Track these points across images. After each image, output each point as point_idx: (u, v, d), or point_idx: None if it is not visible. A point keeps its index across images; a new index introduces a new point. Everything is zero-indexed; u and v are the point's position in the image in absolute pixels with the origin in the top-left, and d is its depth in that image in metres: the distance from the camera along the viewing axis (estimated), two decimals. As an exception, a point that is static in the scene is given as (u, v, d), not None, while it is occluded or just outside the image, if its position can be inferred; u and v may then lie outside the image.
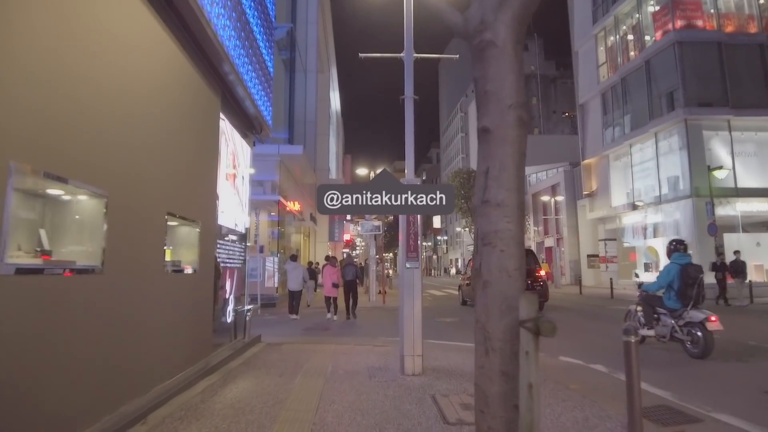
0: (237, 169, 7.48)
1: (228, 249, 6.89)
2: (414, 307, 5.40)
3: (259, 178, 16.35)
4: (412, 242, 5.47)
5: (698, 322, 6.49)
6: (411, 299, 5.42)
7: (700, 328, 6.46)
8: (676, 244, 7.22)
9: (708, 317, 6.42)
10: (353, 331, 10.11)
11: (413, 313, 5.39)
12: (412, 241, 5.48)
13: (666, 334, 6.93)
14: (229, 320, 6.94)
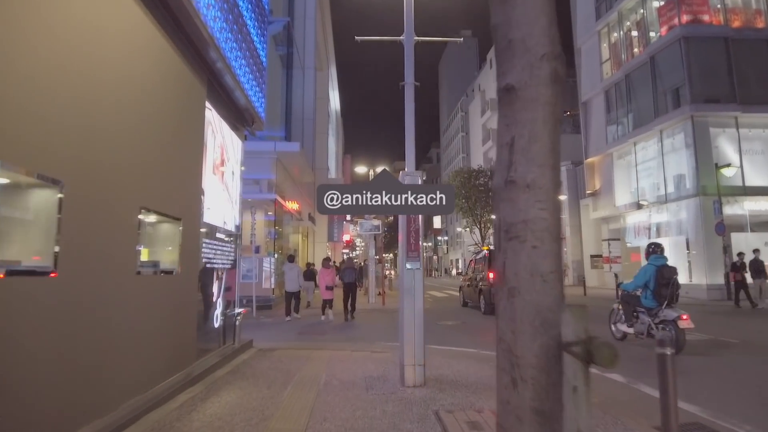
0: (226, 164, 7.02)
1: (216, 249, 6.43)
2: (415, 311, 4.94)
3: (255, 177, 15.90)
4: (412, 241, 5.01)
5: (671, 320, 6.94)
6: (412, 303, 4.95)
7: (673, 325, 6.91)
8: (654, 247, 7.70)
9: (680, 315, 6.88)
10: (351, 335, 9.65)
11: (414, 318, 4.92)
12: (413, 240, 5.01)
13: (643, 331, 7.40)
14: (216, 325, 6.47)
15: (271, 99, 17.09)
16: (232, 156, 7.37)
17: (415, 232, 5.03)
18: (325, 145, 29.60)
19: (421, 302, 4.95)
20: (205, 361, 5.77)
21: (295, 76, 20.41)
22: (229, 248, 7.08)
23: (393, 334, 9.37)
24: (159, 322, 4.59)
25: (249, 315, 12.89)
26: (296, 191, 21.09)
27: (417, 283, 4.98)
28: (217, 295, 6.52)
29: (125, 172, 3.92)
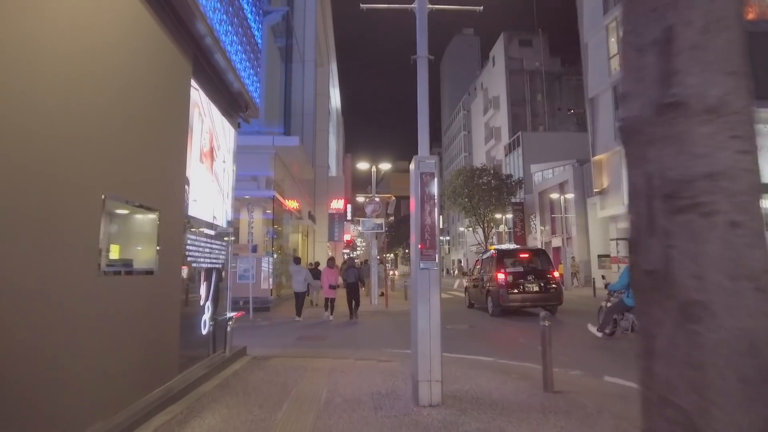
0: (216, 152, 6.33)
1: (203, 246, 5.74)
2: (431, 318, 4.25)
3: (253, 173, 15.23)
4: (427, 237, 4.32)
5: None
6: (426, 309, 4.26)
7: None
8: None
9: None
10: (354, 340, 8.95)
11: (430, 327, 4.23)
12: (428, 235, 4.32)
13: (628, 327, 8.06)
14: (204, 331, 5.78)
15: (269, 93, 16.42)
16: (223, 144, 6.68)
17: (430, 226, 4.33)
18: (325, 142, 28.91)
19: (438, 308, 4.27)
20: (190, 373, 5.08)
21: (295, 69, 19.73)
22: (219, 246, 6.39)
23: (399, 340, 8.69)
24: (131, 331, 3.90)
25: (245, 317, 12.20)
26: (296, 189, 20.40)
27: (433, 285, 4.29)
28: (206, 297, 5.83)
29: (85, 152, 3.24)
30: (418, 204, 4.38)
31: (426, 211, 4.36)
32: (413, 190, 4.48)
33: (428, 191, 4.39)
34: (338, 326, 11.17)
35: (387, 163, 17.93)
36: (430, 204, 4.38)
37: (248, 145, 14.54)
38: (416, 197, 4.41)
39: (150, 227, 4.35)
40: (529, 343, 8.33)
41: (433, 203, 4.38)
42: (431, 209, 4.37)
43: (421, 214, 4.35)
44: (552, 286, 13.07)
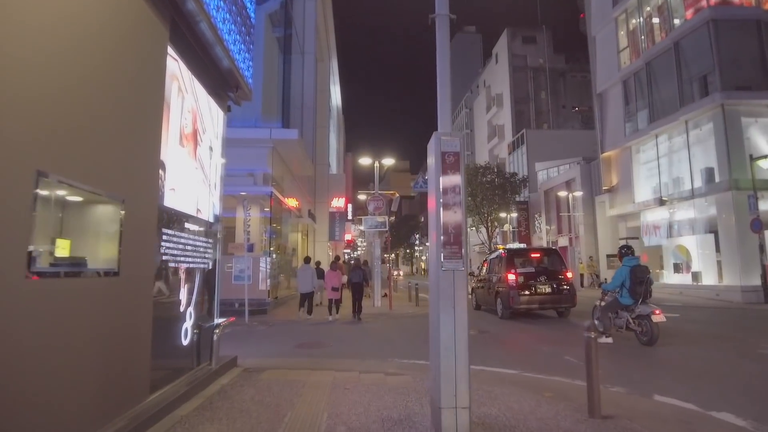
0: (201, 136, 5.53)
1: (184, 243, 4.94)
2: (456, 330, 3.45)
3: (249, 168, 14.45)
4: (452, 229, 3.53)
5: (646, 315, 7.75)
6: (450, 318, 3.46)
7: (648, 319, 7.72)
8: (626, 250, 8.52)
9: (653, 311, 7.70)
10: (357, 348, 8.15)
11: (455, 341, 3.43)
12: (453, 228, 3.53)
13: (623, 325, 8.14)
14: (186, 342, 4.98)
15: (267, 85, 15.62)
16: (209, 128, 5.89)
17: (454, 218, 3.54)
18: (326, 139, 28.12)
19: (465, 318, 3.47)
20: (165, 394, 4.28)
21: (294, 61, 18.93)
22: (204, 243, 5.59)
23: (406, 347, 7.88)
24: (83, 346, 3.11)
25: (241, 321, 11.41)
26: (295, 186, 19.61)
27: (458, 289, 3.49)
28: (187, 303, 5.03)
29: (13, 112, 2.45)
30: (439, 191, 3.59)
31: (449, 200, 3.56)
32: (433, 175, 3.69)
33: (452, 175, 3.59)
34: (341, 330, 10.38)
35: (390, 159, 17.11)
36: (454, 191, 3.58)
37: (244, 138, 13.81)
38: (436, 183, 3.62)
39: (112, 219, 3.56)
40: (553, 351, 7.54)
41: (457, 190, 3.58)
42: (455, 198, 3.57)
43: (443, 203, 3.55)
44: (565, 287, 12.32)
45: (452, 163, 3.60)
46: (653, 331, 7.59)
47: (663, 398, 4.70)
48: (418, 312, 14.21)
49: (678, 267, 20.76)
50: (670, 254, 21.18)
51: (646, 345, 7.65)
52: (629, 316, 8.00)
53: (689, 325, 10.49)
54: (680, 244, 20.71)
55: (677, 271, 20.74)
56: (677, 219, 21.07)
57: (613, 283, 8.33)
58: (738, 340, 8.71)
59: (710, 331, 9.90)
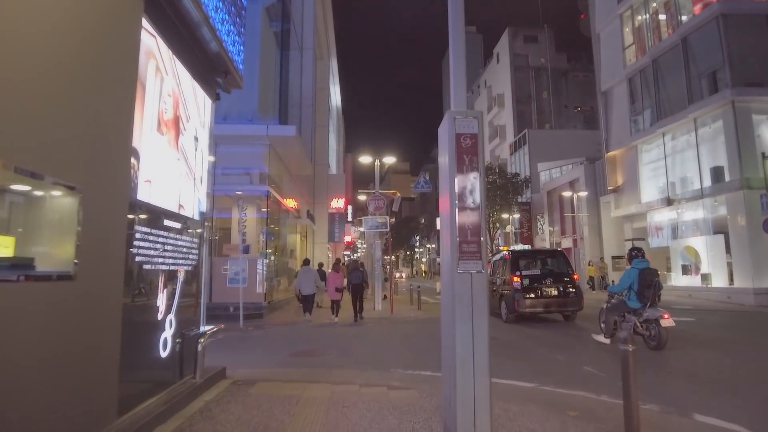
0: (184, 124, 4.99)
1: (163, 242, 4.40)
2: (476, 345, 2.91)
3: (246, 167, 13.92)
4: (469, 225, 2.98)
5: (655, 319, 7.48)
6: (468, 329, 2.92)
7: (656, 324, 7.45)
8: (636, 252, 8.22)
9: (662, 315, 7.42)
10: (357, 355, 7.60)
11: (474, 359, 2.88)
12: (470, 223, 2.98)
13: (630, 329, 7.60)
14: (165, 353, 4.43)
15: (264, 81, 15.09)
16: (195, 116, 5.35)
17: (472, 212, 3.00)
18: (325, 139, 27.60)
19: (486, 331, 2.92)
20: (137, 415, 3.73)
21: (293, 58, 18.41)
22: (188, 243, 5.04)
23: (409, 355, 7.32)
24: (29, 363, 2.56)
25: (235, 325, 10.87)
26: (294, 186, 19.08)
27: (478, 296, 2.94)
28: (167, 309, 4.49)
29: None
30: (453, 180, 3.05)
31: (466, 191, 3.02)
32: (446, 161, 3.15)
33: (468, 162, 3.05)
34: (340, 335, 9.83)
35: (391, 157, 16.55)
36: (472, 179, 3.03)
37: (240, 134, 13.30)
38: (450, 171, 3.07)
39: (69, 213, 3.02)
40: (569, 360, 6.98)
41: (475, 178, 3.03)
42: (473, 187, 3.02)
43: (458, 194, 3.01)
44: (571, 290, 11.84)
45: (469, 147, 3.07)
46: (662, 336, 7.34)
47: (705, 418, 4.15)
48: (421, 316, 13.66)
49: (686, 269, 20.22)
50: (678, 256, 20.64)
51: (654, 350, 7.38)
52: (636, 320, 7.78)
53: (705, 330, 9.94)
54: (688, 245, 20.17)
55: (685, 272, 20.20)
56: (685, 219, 20.55)
57: (621, 285, 8.10)
58: (762, 346, 8.17)
59: (727, 335, 9.36)
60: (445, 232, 3.17)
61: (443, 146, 3.23)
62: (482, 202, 3.01)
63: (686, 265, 20.25)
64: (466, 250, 2.96)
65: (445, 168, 3.19)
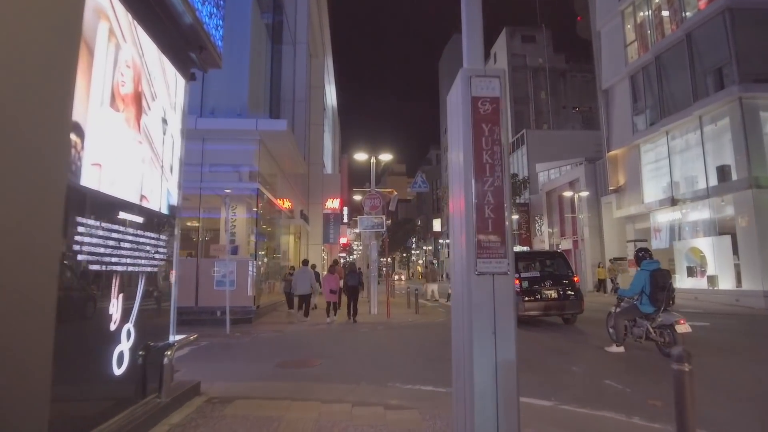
0: (149, 103, 4.31)
1: (118, 238, 3.71)
2: (500, 368, 2.22)
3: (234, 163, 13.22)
4: (490, 213, 2.32)
5: (669, 324, 6.98)
6: (490, 349, 2.24)
7: (671, 329, 6.96)
8: (643, 253, 7.83)
9: (678, 320, 6.93)
10: (351, 365, 6.91)
11: (498, 387, 2.20)
12: (492, 210, 2.32)
13: (642, 335, 7.45)
14: (120, 370, 3.74)
15: (254, 75, 14.40)
16: (163, 95, 4.67)
17: (494, 195, 2.33)
18: (320, 138, 26.92)
19: (513, 348, 2.24)
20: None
21: (285, 52, 17.73)
22: (152, 240, 4.35)
23: (408, 366, 6.60)
24: None
25: (221, 332, 10.17)
26: (287, 186, 18.37)
27: (503, 305, 2.27)
28: (123, 318, 3.79)
29: None
30: (469, 156, 2.37)
31: (485, 168, 2.34)
32: (458, 132, 2.47)
33: (489, 131, 2.38)
34: (333, 343, 9.13)
35: (387, 154, 15.86)
36: (492, 154, 2.36)
37: (228, 129, 12.62)
38: (464, 143, 2.40)
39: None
40: (585, 372, 6.31)
41: (497, 153, 2.37)
42: (494, 163, 2.35)
43: (475, 172, 2.33)
44: (571, 293, 11.36)
45: (489, 114, 2.40)
46: (677, 343, 6.81)
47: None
48: (419, 321, 12.98)
49: (692, 271, 19.63)
50: (683, 257, 20.05)
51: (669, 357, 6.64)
52: (649, 325, 7.31)
53: (721, 336, 9.31)
54: (694, 246, 19.59)
55: (691, 275, 19.61)
56: (690, 220, 19.98)
57: (632, 289, 7.59)
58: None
59: (746, 342, 8.75)
60: (457, 223, 2.50)
61: (454, 115, 2.56)
62: (506, 184, 2.34)
63: (691, 266, 19.67)
64: (486, 244, 2.30)
65: (456, 141, 2.52)
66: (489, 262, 2.29)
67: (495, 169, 2.36)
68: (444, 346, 8.45)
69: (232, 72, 13.35)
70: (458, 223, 2.46)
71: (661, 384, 5.54)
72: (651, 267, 7.40)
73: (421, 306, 15.77)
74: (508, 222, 2.32)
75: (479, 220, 2.31)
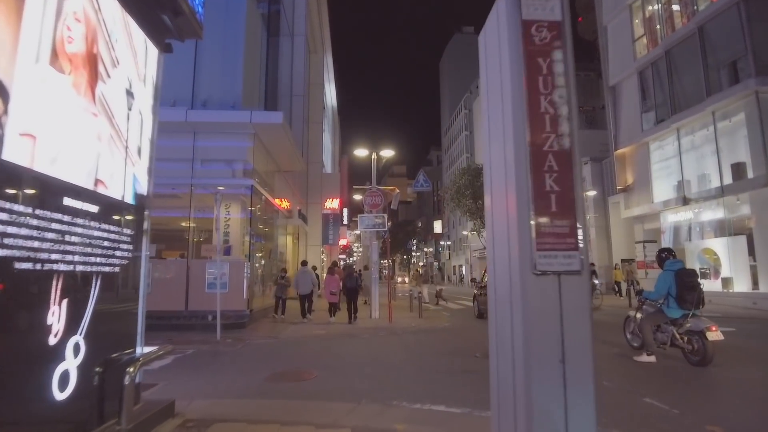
0: (108, 69, 3.58)
1: (60, 230, 2.99)
2: (571, 412, 1.47)
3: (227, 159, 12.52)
4: (555, 192, 1.57)
5: (698, 331, 6.45)
6: (559, 389, 1.49)
7: (700, 336, 6.42)
8: (666, 253, 7.31)
9: (709, 327, 6.37)
10: (350, 378, 6.16)
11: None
12: (557, 184, 1.57)
13: (666, 341, 6.90)
14: (65, 393, 3.01)
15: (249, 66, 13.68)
16: (128, 62, 3.94)
17: (559, 157, 1.58)
18: (319, 136, 26.20)
19: (591, 386, 1.49)
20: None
21: (283, 44, 17.02)
22: (112, 234, 3.62)
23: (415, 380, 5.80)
24: None
25: (211, 338, 9.45)
26: (285, 184, 17.66)
27: (575, 318, 1.52)
28: (68, 328, 3.06)
29: None
30: (520, 101, 1.64)
31: (544, 120, 1.61)
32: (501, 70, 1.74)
33: (547, 68, 1.64)
34: (330, 350, 8.40)
35: (389, 150, 15.12)
36: (554, 101, 1.62)
37: (221, 122, 11.90)
38: (513, 85, 1.67)
39: None
40: (619, 387, 5.56)
41: (562, 98, 1.62)
42: (559, 114, 1.62)
43: (530, 127, 1.60)
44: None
45: (547, 44, 1.68)
46: (707, 351, 6.31)
47: None
48: (423, 326, 12.24)
49: (704, 272, 18.88)
50: (695, 258, 19.29)
51: (697, 366, 6.40)
52: (675, 331, 6.74)
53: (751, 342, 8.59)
54: (706, 246, 18.85)
55: (704, 276, 18.81)
56: (703, 219, 19.25)
57: (658, 291, 6.97)
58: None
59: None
60: (498, 201, 1.76)
61: (492, 53, 1.84)
62: (576, 142, 1.61)
63: (704, 268, 18.90)
64: (548, 230, 1.56)
65: (495, 88, 1.78)
66: (554, 256, 1.57)
67: (558, 122, 1.65)
68: (453, 356, 7.71)
69: (225, 62, 12.66)
70: (501, 201, 1.73)
71: (711, 403, 4.81)
72: (675, 267, 6.88)
73: (424, 309, 15.03)
74: (580, 199, 1.61)
75: (537, 196, 1.59)
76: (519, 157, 1.64)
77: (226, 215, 12.87)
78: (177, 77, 11.87)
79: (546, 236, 1.59)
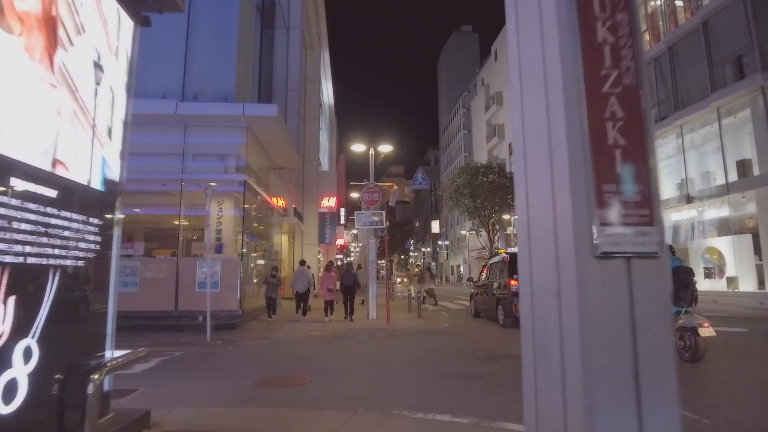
0: (70, 35, 3.14)
1: (7, 215, 2.55)
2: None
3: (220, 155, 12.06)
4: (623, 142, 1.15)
5: (691, 327, 6.49)
6: (626, 413, 1.05)
7: (692, 333, 6.46)
8: None
9: (701, 323, 6.43)
10: (346, 383, 5.73)
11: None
12: (623, 137, 1.16)
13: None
14: (10, 408, 2.57)
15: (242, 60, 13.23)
16: (96, 31, 3.50)
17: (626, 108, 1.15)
18: (316, 134, 25.75)
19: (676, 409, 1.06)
20: None
21: (278, 37, 16.58)
22: (73, 224, 3.18)
23: (416, 385, 5.37)
24: None
25: (200, 339, 9.01)
26: (280, 182, 17.21)
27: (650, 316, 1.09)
28: (16, 331, 2.62)
29: None
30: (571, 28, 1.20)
31: (602, 52, 1.18)
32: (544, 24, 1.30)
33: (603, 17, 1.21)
34: (326, 352, 7.97)
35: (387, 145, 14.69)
36: (616, 26, 1.19)
37: (212, 115, 11.45)
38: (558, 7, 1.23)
39: None
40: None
41: (625, 23, 1.20)
42: (622, 44, 1.19)
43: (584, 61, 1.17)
44: None
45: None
46: (699, 347, 6.39)
47: None
48: (422, 327, 11.82)
49: (709, 272, 18.54)
50: (700, 257, 18.95)
51: (689, 362, 6.44)
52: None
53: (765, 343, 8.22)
54: (711, 246, 18.50)
55: (708, 276, 18.51)
56: (707, 218, 18.90)
57: None
58: None
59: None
60: (538, 162, 1.34)
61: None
62: (645, 81, 1.19)
63: (709, 267, 18.57)
64: (612, 200, 1.14)
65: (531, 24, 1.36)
66: (621, 233, 1.16)
67: (622, 54, 1.23)
68: (456, 358, 7.30)
69: (217, 53, 12.21)
70: (541, 161, 1.30)
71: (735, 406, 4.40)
72: (672, 264, 6.86)
73: (423, 309, 14.62)
74: (653, 155, 1.19)
75: (598, 153, 1.17)
76: (570, 104, 1.22)
77: (218, 212, 12.43)
78: (167, 68, 11.43)
79: (610, 206, 1.18)
